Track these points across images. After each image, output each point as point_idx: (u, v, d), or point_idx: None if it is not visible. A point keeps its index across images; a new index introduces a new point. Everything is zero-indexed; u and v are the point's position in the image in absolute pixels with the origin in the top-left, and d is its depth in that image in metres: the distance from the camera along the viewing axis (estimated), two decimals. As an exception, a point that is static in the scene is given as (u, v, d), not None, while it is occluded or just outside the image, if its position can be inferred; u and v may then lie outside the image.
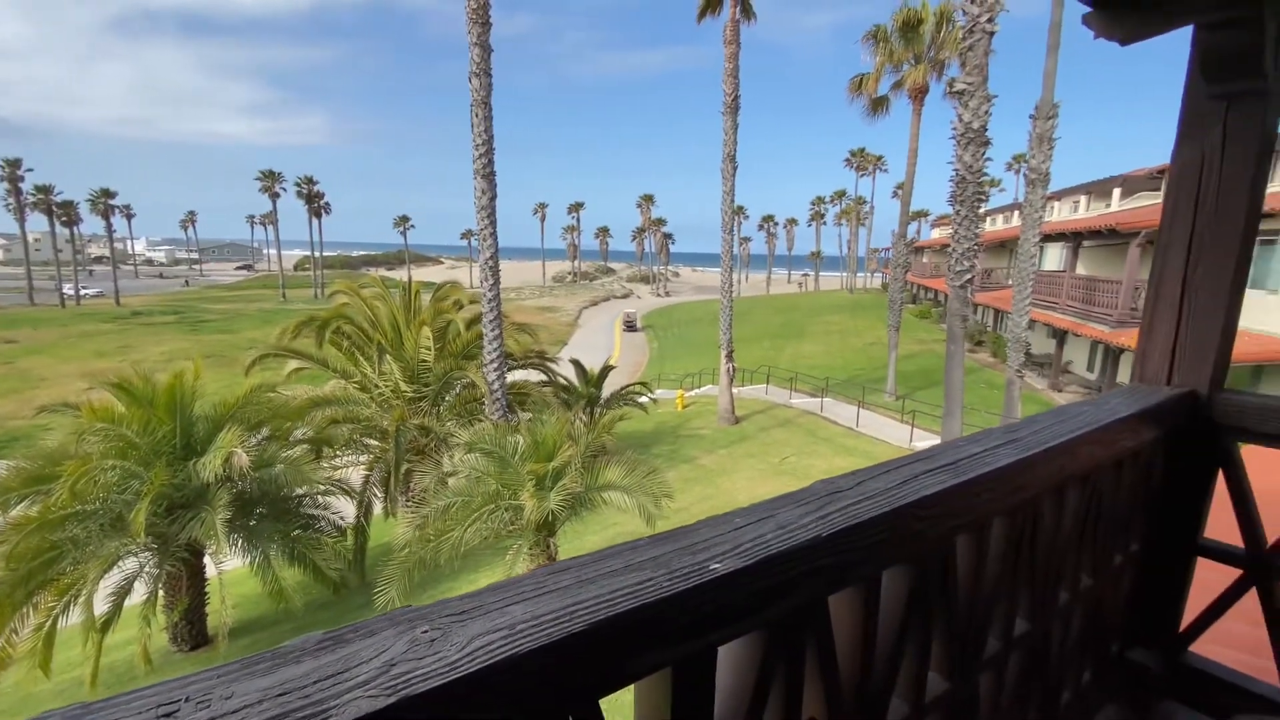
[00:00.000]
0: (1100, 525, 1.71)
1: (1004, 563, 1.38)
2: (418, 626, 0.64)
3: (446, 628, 0.64)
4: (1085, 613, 1.79)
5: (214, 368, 31.77)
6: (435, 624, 0.65)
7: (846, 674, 1.09)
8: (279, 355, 13.62)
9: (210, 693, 0.55)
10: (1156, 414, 1.80)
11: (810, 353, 37.36)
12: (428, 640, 0.62)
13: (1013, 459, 1.27)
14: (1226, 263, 1.83)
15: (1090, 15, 2.02)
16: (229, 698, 0.54)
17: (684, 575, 0.77)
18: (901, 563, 1.13)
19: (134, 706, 0.53)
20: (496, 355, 12.60)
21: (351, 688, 0.56)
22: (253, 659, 0.60)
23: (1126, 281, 17.96)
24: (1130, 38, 1.99)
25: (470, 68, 12.14)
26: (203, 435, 9.03)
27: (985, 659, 1.41)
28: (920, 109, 20.62)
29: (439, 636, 0.63)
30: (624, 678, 0.74)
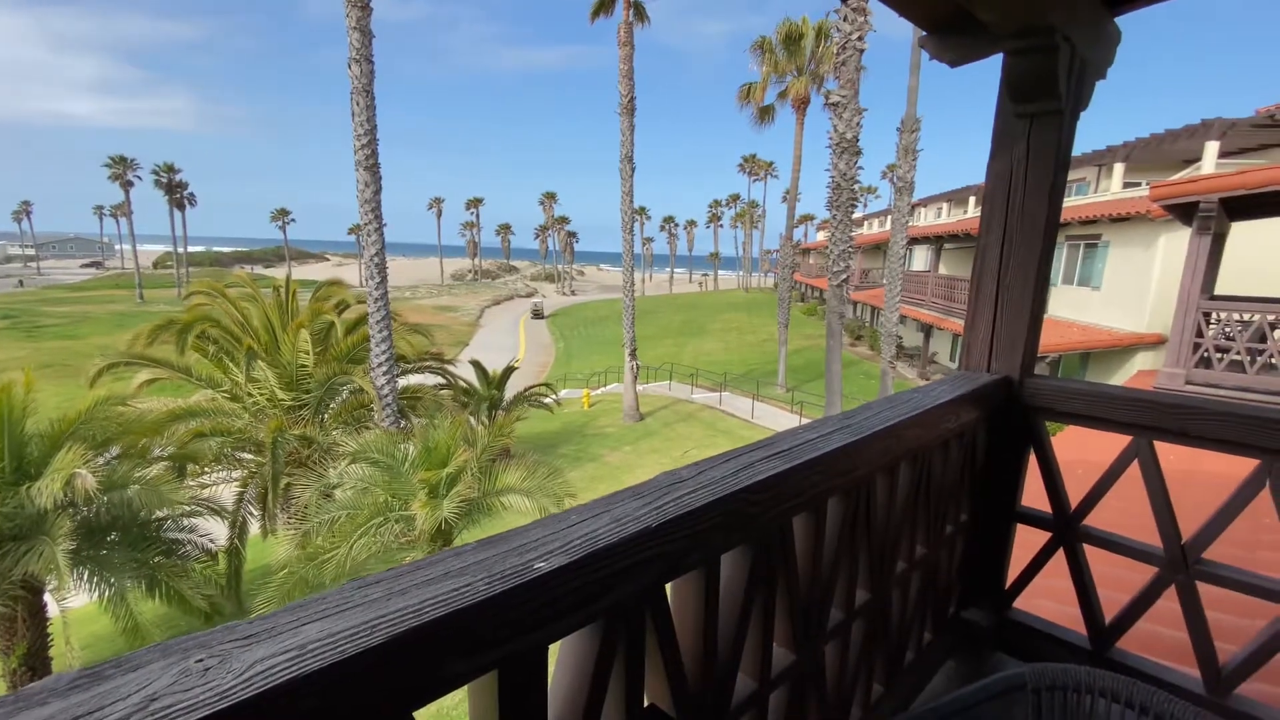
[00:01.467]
0: (931, 499, 1.90)
1: (841, 539, 1.49)
2: (192, 656, 0.59)
3: (227, 654, 0.60)
4: (924, 579, 1.98)
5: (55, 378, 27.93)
6: (214, 651, 0.60)
7: (690, 657, 1.13)
8: (132, 364, 12.16)
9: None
10: (977, 398, 2.02)
11: (710, 349, 38.60)
12: (201, 669, 0.58)
13: (843, 443, 1.38)
14: (1031, 262, 2.09)
15: (926, 39, 2.23)
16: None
17: (504, 577, 0.77)
18: (739, 545, 1.19)
19: None
20: (385, 358, 11.97)
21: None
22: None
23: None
24: (958, 60, 2.21)
25: (349, 53, 11.43)
26: (37, 456, 7.89)
27: (829, 629, 1.52)
28: (803, 118, 21.86)
29: (215, 664, 0.59)
30: (439, 685, 0.73)
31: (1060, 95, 1.92)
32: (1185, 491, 2.73)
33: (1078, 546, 2.13)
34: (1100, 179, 21.45)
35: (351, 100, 11.65)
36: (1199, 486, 3.86)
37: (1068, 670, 1.06)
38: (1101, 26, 2.09)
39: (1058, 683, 1.04)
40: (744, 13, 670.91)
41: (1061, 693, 1.04)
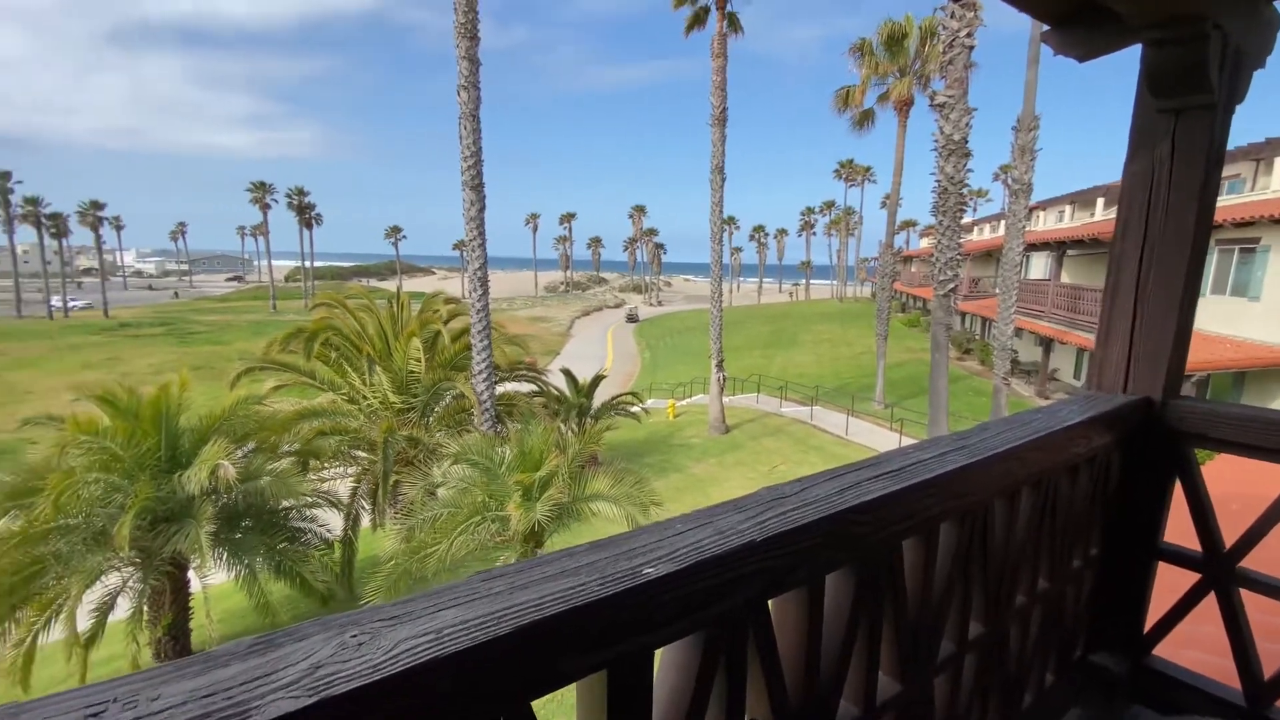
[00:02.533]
0: (1056, 529, 1.75)
1: (954, 566, 1.41)
2: (348, 631, 0.66)
3: (376, 631, 0.67)
4: (1045, 615, 1.82)
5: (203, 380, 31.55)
6: (365, 628, 0.67)
7: (792, 676, 1.11)
8: (266, 368, 13.55)
9: (137, 694, 0.57)
10: (1110, 420, 1.84)
11: (801, 362, 37.54)
12: (355, 644, 0.64)
13: (959, 465, 1.30)
14: (1178, 272, 1.88)
15: (1049, 33, 2.09)
16: (155, 699, 0.56)
17: (616, 579, 0.80)
18: (845, 566, 1.16)
19: (62, 706, 0.55)
20: (485, 366, 12.59)
21: (275, 689, 0.58)
22: (184, 661, 0.62)
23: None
24: (1086, 55, 2.05)
25: (459, 81, 12.22)
26: (188, 448, 8.96)
27: (940, 661, 1.44)
28: (905, 121, 20.90)
29: (367, 640, 0.65)
30: (556, 679, 0.76)
31: (1212, 88, 1.73)
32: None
33: (1232, 590, 1.89)
34: (1258, 175, 18.94)
35: (459, 124, 12.45)
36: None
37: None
38: (1259, 12, 1.87)
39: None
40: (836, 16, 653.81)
41: None
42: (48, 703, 0.56)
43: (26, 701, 0.57)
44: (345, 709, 0.59)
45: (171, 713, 0.55)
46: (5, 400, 32.02)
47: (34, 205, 58.49)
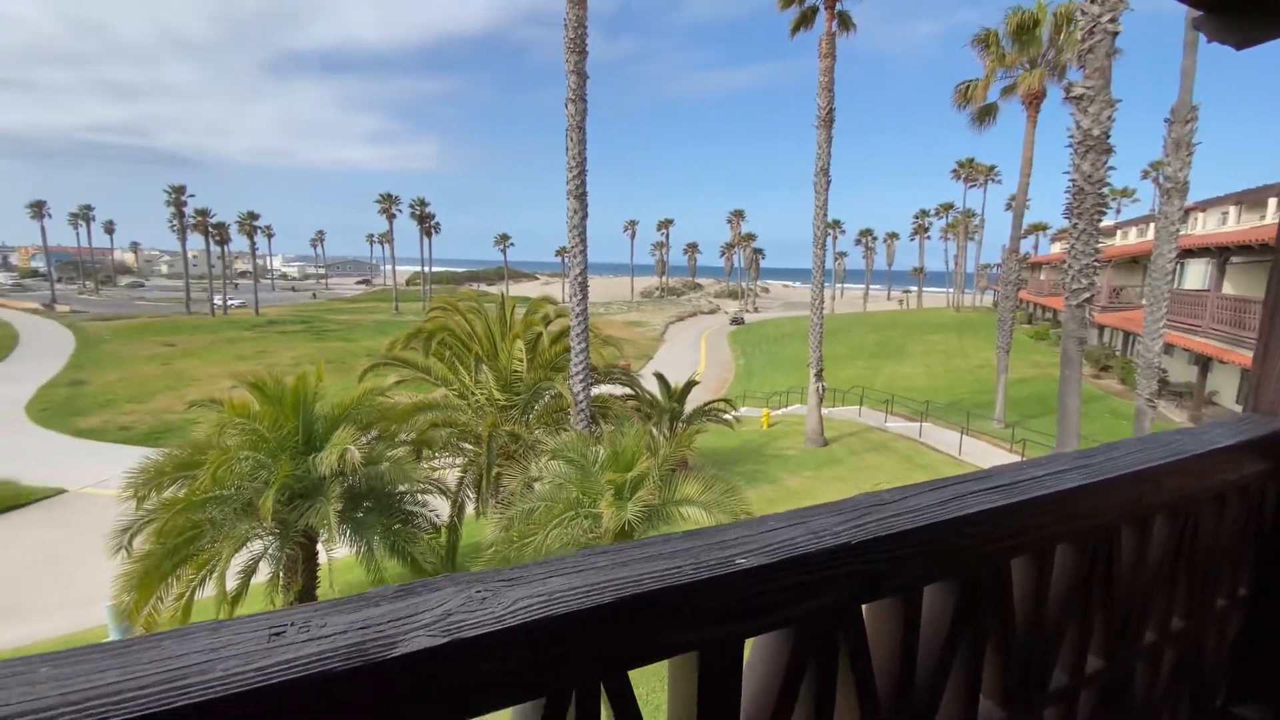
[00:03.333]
0: (1197, 563, 1.58)
1: (1071, 593, 1.32)
2: (474, 587, 0.76)
3: (497, 590, 0.75)
4: (1179, 657, 1.65)
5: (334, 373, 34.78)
6: (488, 586, 0.76)
7: (885, 687, 1.10)
8: (388, 364, 14.79)
9: (310, 621, 0.69)
10: (1266, 447, 1.64)
11: (910, 374, 35.51)
12: (480, 598, 0.73)
13: (1077, 484, 1.23)
14: (1357, 282, 1.65)
15: (1202, 19, 1.90)
16: (323, 625, 0.68)
17: (710, 567, 0.84)
18: (946, 579, 1.12)
19: (252, 625, 0.68)
20: (582, 367, 13.00)
21: (415, 628, 0.68)
22: (342, 600, 0.74)
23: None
24: (1245, 42, 1.85)
25: (567, 94, 12.75)
26: (321, 433, 9.97)
27: (1050, 692, 1.35)
28: (1035, 116, 19.27)
29: (490, 596, 0.74)
30: (651, 652, 0.82)
31: None
32: None
33: None
34: None
35: (566, 136, 12.97)
36: None
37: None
38: None
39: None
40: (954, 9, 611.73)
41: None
42: (241, 622, 0.69)
43: (223, 620, 0.71)
44: (471, 651, 0.68)
45: (336, 637, 0.66)
46: (175, 385, 37.03)
47: (203, 216, 67.31)
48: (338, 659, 0.64)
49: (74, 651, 0.63)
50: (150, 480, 9.25)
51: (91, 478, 22.60)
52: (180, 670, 0.61)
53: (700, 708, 0.91)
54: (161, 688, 0.59)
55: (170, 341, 49.02)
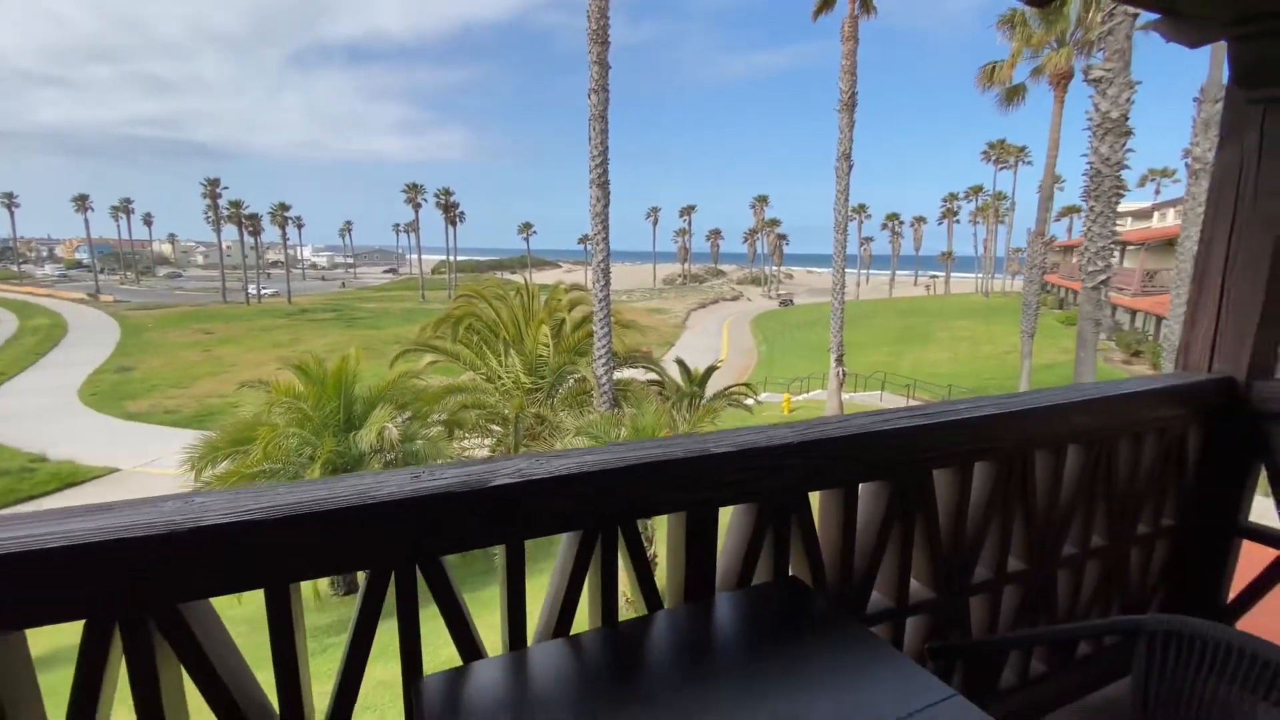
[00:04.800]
0: (1115, 490, 1.90)
1: (991, 503, 1.66)
2: (534, 459, 1.14)
3: (548, 459, 1.14)
4: (1103, 572, 1.97)
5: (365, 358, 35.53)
6: (541, 459, 1.15)
7: (831, 556, 1.47)
8: (419, 349, 15.39)
9: (433, 472, 1.08)
10: (1182, 396, 1.95)
11: (934, 360, 35.24)
12: (538, 463, 1.12)
13: (990, 413, 1.57)
14: (1263, 257, 1.94)
15: (1158, 22, 2.17)
16: (444, 473, 1.07)
17: (693, 452, 1.22)
18: (878, 479, 1.48)
19: (399, 473, 1.07)
20: (605, 352, 13.41)
21: (501, 474, 1.07)
22: (449, 463, 1.14)
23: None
24: (1196, 43, 2.11)
25: (589, 84, 13.04)
26: (360, 413, 10.57)
27: (975, 583, 1.70)
28: (1063, 96, 18.96)
29: (544, 462, 1.13)
30: (653, 506, 1.21)
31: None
32: None
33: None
34: None
35: (589, 125, 13.29)
36: None
37: (1187, 621, 1.17)
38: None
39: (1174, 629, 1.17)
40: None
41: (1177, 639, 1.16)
42: (392, 472, 1.08)
43: (368, 473, 1.10)
44: (534, 489, 1.07)
45: (449, 480, 1.05)
46: (216, 370, 38.49)
47: (237, 208, 69.15)
48: (455, 486, 1.03)
49: (294, 483, 1.03)
50: (207, 455, 9.94)
51: (142, 458, 23.84)
52: (364, 488, 1.01)
53: (688, 556, 1.29)
54: (355, 497, 0.99)
55: (209, 329, 50.78)
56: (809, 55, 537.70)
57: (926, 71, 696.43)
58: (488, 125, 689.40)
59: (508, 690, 1.03)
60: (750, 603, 1.28)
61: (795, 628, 1.18)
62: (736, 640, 1.19)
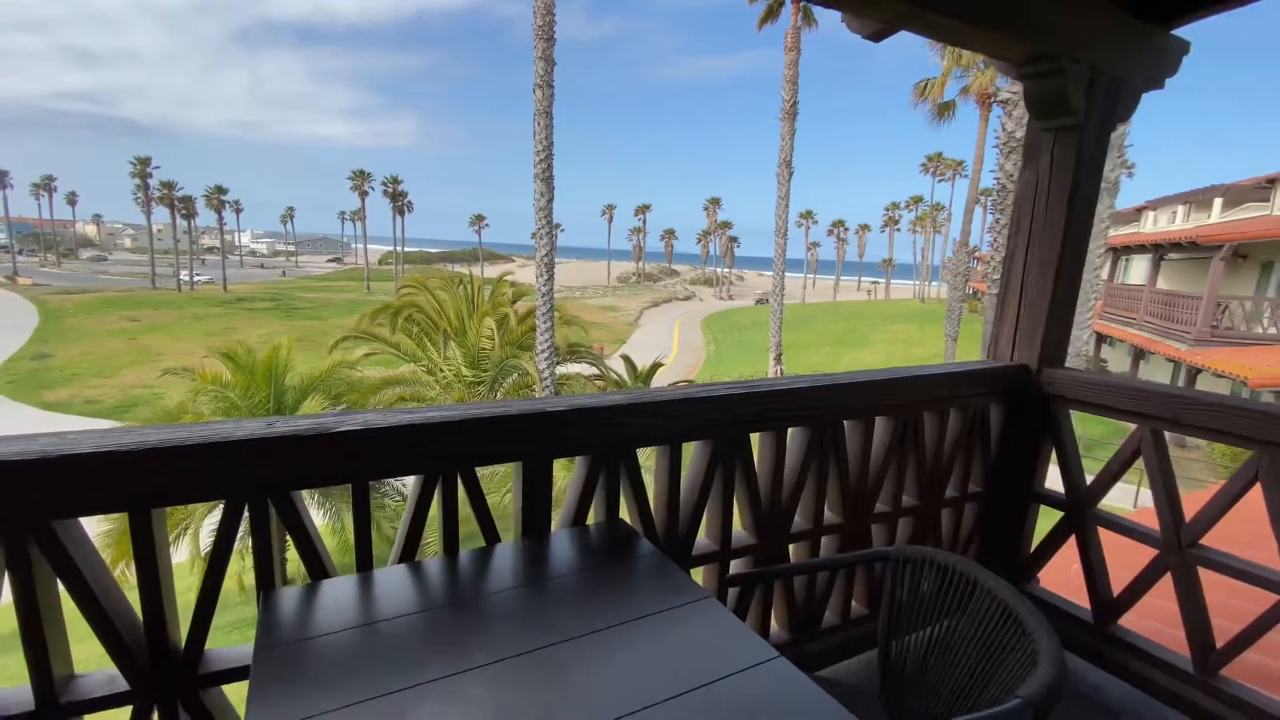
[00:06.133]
0: (924, 458, 2.23)
1: (805, 464, 1.94)
2: (382, 413, 1.34)
3: (395, 414, 1.34)
4: (916, 529, 2.30)
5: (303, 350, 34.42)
6: (388, 413, 1.35)
7: (659, 506, 1.72)
8: (358, 338, 15.11)
9: (290, 420, 1.26)
10: (982, 378, 2.30)
11: (870, 360, 36.67)
12: (384, 416, 1.32)
13: (801, 386, 1.85)
14: (1051, 262, 2.30)
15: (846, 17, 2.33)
16: (298, 423, 1.25)
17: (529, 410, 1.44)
18: (702, 439, 1.74)
19: (255, 419, 1.25)
20: (548, 346, 13.53)
21: (347, 424, 1.26)
22: (306, 415, 1.32)
23: (1207, 298, 16.97)
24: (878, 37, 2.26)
25: (535, 80, 13.12)
26: (291, 403, 10.37)
27: (794, 532, 1.98)
28: (987, 114, 20.15)
29: (391, 415, 1.33)
30: (489, 456, 1.43)
31: (1074, 111, 2.13)
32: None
33: (1088, 527, 2.29)
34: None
35: (534, 121, 13.37)
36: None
37: (921, 550, 1.47)
38: (1144, 43, 2.22)
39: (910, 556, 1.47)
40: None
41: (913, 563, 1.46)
42: (243, 421, 1.26)
43: (230, 420, 1.28)
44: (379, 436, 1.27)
45: (300, 427, 1.24)
46: (141, 360, 36.43)
47: (169, 189, 65.48)
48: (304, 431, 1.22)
49: (163, 425, 1.20)
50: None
51: (54, 451, 22.40)
52: (224, 431, 1.19)
53: (525, 500, 1.52)
54: (213, 437, 1.17)
55: (135, 316, 47.96)
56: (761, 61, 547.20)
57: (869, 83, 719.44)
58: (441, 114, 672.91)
59: (351, 602, 1.22)
60: (580, 539, 1.51)
61: (619, 561, 1.42)
62: (566, 567, 1.41)
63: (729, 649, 1.06)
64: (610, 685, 0.98)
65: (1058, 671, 0.98)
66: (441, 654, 1.05)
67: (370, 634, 1.11)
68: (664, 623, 1.15)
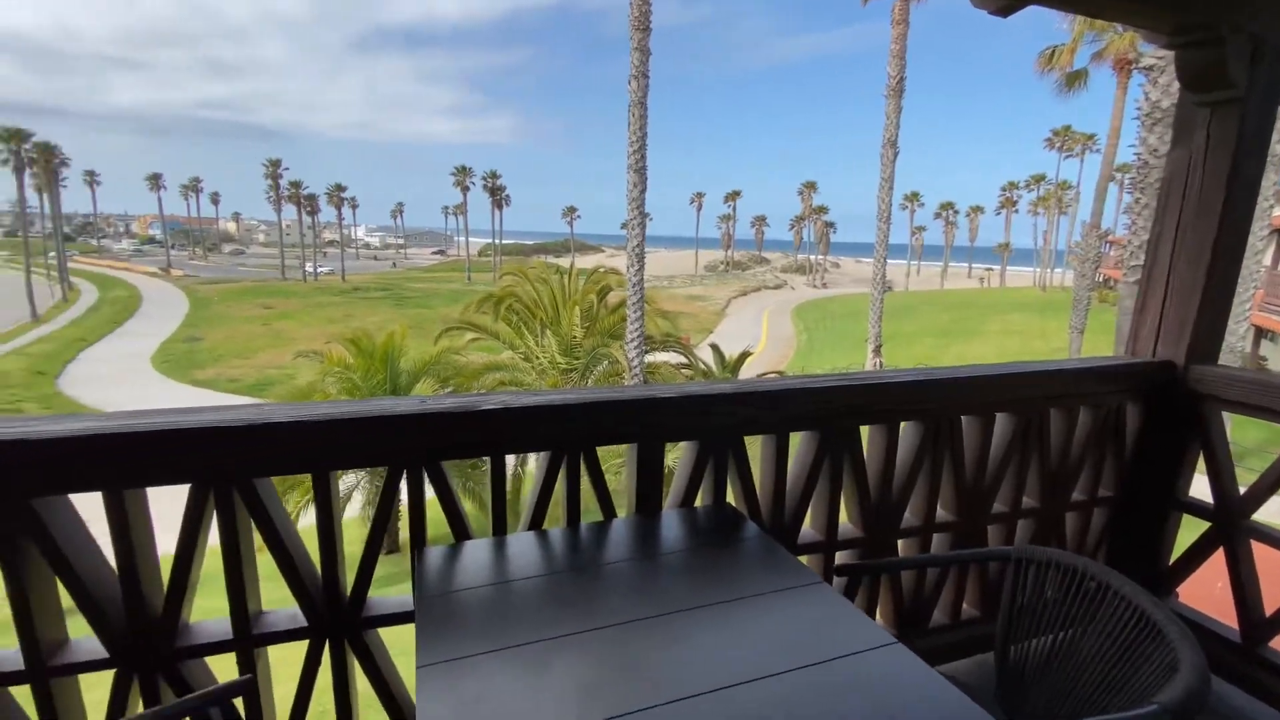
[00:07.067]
0: (1048, 459, 2.11)
1: (918, 459, 1.90)
2: (514, 395, 1.47)
3: (526, 395, 1.47)
4: (1038, 532, 2.19)
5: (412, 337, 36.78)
6: (520, 395, 1.47)
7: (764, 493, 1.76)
8: (461, 328, 16.06)
9: (439, 398, 1.42)
10: (1118, 375, 2.14)
11: (979, 354, 34.25)
12: (516, 398, 1.45)
13: (913, 380, 1.81)
14: (1204, 250, 2.09)
15: None
16: (445, 401, 1.41)
17: (641, 395, 1.53)
18: (804, 430, 1.76)
19: (411, 397, 1.41)
20: (637, 335, 13.74)
21: (487, 403, 1.40)
22: (451, 394, 1.48)
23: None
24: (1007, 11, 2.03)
25: (630, 70, 13.25)
26: (405, 385, 11.23)
27: (904, 528, 1.95)
28: (1126, 82, 18.10)
29: (523, 398, 1.45)
30: (607, 437, 1.53)
31: (1234, 83, 1.92)
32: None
33: (1239, 540, 2.08)
34: None
35: (629, 111, 13.52)
36: None
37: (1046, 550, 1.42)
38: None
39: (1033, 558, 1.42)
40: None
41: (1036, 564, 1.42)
42: (401, 399, 1.43)
43: (389, 397, 1.45)
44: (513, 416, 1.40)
45: (448, 405, 1.39)
46: (275, 344, 40.54)
47: (296, 189, 72.08)
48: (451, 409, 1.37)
49: (335, 401, 1.39)
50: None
51: (207, 423, 25.48)
52: (386, 407, 1.35)
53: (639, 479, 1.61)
54: (377, 412, 1.33)
55: (268, 304, 53.37)
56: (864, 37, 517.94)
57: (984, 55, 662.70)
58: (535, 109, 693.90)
59: (490, 562, 1.37)
60: (690, 519, 1.58)
61: (727, 542, 1.48)
62: (678, 544, 1.49)
63: (845, 632, 1.10)
64: (729, 654, 1.04)
65: (1199, 680, 0.94)
66: (570, 614, 1.15)
67: (507, 591, 1.25)
68: (777, 601, 1.20)
